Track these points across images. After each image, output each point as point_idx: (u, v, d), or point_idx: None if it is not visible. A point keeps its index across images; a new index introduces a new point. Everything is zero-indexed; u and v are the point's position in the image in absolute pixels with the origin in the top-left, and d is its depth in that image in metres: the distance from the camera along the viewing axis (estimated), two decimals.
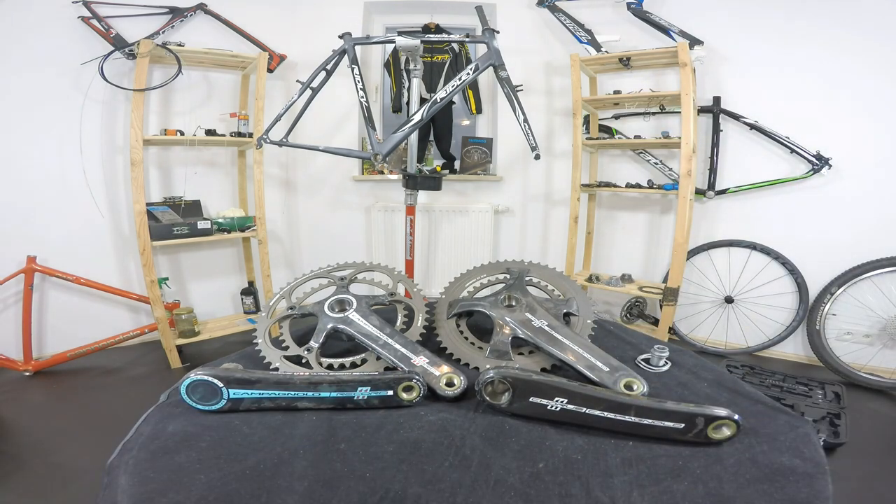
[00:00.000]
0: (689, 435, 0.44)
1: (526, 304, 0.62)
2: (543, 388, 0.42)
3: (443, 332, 0.63)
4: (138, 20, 2.31)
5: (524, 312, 0.60)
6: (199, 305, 2.58)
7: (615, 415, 0.43)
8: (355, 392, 0.45)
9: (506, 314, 0.61)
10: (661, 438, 0.45)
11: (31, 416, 1.85)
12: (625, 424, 0.44)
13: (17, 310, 2.22)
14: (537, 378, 0.43)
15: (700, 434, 0.44)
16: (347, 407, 0.46)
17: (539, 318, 0.59)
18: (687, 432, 0.44)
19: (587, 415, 0.43)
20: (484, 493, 0.36)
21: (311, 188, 2.95)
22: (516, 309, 0.62)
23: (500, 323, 0.60)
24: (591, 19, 2.55)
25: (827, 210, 2.31)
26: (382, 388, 0.45)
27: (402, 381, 0.46)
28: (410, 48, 1.88)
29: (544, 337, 0.56)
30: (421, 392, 0.46)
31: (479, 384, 0.44)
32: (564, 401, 0.42)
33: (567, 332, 0.57)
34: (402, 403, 0.47)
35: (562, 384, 0.42)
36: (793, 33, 2.27)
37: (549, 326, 0.58)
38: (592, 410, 0.43)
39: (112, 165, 2.38)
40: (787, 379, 2.15)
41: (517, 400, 0.43)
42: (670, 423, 0.44)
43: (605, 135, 2.69)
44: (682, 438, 0.45)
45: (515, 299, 0.63)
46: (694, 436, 0.44)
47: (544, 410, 0.43)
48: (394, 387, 0.45)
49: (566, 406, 0.42)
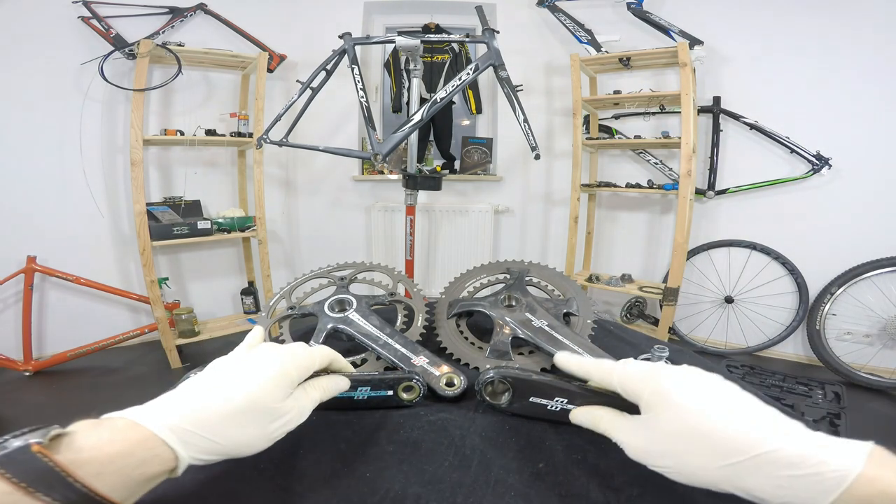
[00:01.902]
0: None
1: (526, 304, 0.61)
2: (543, 388, 0.42)
3: (443, 332, 0.63)
4: (138, 20, 2.31)
5: (524, 312, 0.60)
6: (199, 305, 2.58)
7: None
8: (355, 392, 0.45)
9: (506, 314, 0.61)
10: None
11: (31, 416, 1.85)
12: None
13: (17, 310, 2.22)
14: (537, 378, 0.43)
15: None
16: (346, 406, 0.46)
17: (539, 318, 0.59)
18: None
19: None
20: (484, 493, 0.36)
21: (311, 188, 2.95)
22: (516, 309, 0.61)
23: (500, 323, 0.60)
24: (591, 19, 2.55)
25: (827, 210, 2.31)
26: (383, 388, 0.45)
27: (402, 381, 0.46)
28: (410, 48, 1.87)
29: (544, 337, 0.56)
30: (421, 392, 0.45)
31: (479, 384, 0.44)
32: (564, 401, 0.41)
33: (567, 332, 0.57)
34: (403, 403, 0.46)
35: (561, 384, 0.42)
36: (793, 33, 2.27)
37: (549, 326, 0.58)
38: None
39: (112, 165, 2.38)
40: (787, 379, 2.15)
41: (517, 400, 0.43)
42: None
43: (605, 135, 2.69)
44: None
45: (515, 299, 0.63)
46: None
47: (544, 410, 0.42)
48: (394, 386, 0.45)
49: (566, 406, 0.41)
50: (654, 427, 0.32)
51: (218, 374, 0.35)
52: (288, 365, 0.37)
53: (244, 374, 0.35)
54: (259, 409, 0.33)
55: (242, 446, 0.33)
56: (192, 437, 0.30)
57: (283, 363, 0.37)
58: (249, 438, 0.33)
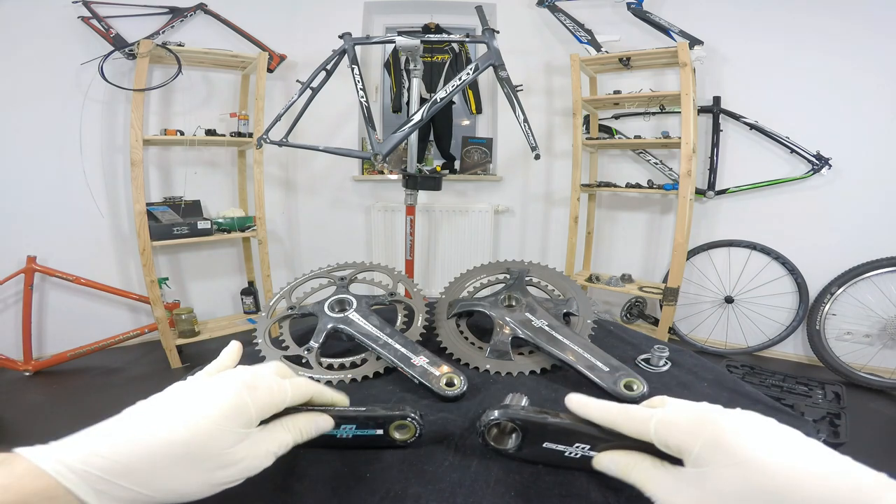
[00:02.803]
0: None
1: (526, 304, 0.61)
2: (560, 433, 0.36)
3: (443, 331, 0.63)
4: (138, 20, 2.31)
5: (524, 312, 0.60)
6: (199, 305, 2.58)
7: None
8: (338, 430, 0.39)
9: (506, 314, 0.61)
10: None
11: (31, 416, 1.85)
12: None
13: (17, 310, 2.22)
14: (554, 421, 0.36)
15: None
16: (326, 444, 0.39)
17: (539, 318, 0.59)
18: None
19: None
20: (484, 493, 0.36)
21: (311, 188, 2.95)
22: (516, 309, 0.61)
23: (500, 323, 0.60)
24: (591, 19, 2.55)
25: (827, 210, 2.31)
26: (371, 427, 0.39)
27: (394, 419, 0.39)
28: (410, 48, 1.87)
29: (544, 337, 0.56)
30: (417, 431, 0.40)
31: (481, 426, 0.38)
32: (586, 447, 0.35)
33: (567, 332, 0.57)
34: (395, 444, 0.40)
35: (584, 429, 0.35)
36: (793, 33, 2.27)
37: (549, 326, 0.57)
38: None
39: (112, 165, 2.38)
40: (787, 379, 2.15)
41: (528, 445, 0.37)
42: None
43: (605, 135, 2.69)
44: None
45: (515, 299, 0.63)
46: None
47: (560, 458, 0.36)
48: (384, 425, 0.40)
49: (588, 453, 0.35)
50: (709, 487, 0.26)
51: (156, 407, 0.29)
52: (244, 399, 0.30)
53: (186, 409, 0.29)
54: (200, 453, 0.27)
55: (177, 496, 0.27)
56: (110, 487, 0.24)
57: (238, 396, 0.30)
58: (187, 487, 0.27)
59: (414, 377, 0.51)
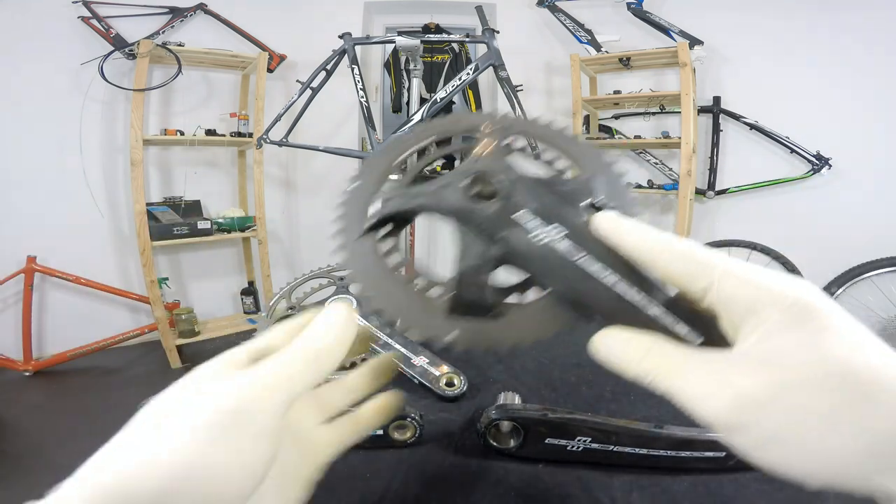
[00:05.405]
0: (732, 462, 0.37)
1: (516, 196, 0.26)
2: (564, 427, 0.35)
3: (354, 264, 0.26)
4: (138, 20, 2.31)
5: (522, 219, 0.27)
6: (199, 305, 2.58)
7: (649, 450, 0.36)
8: None
9: (490, 222, 0.26)
10: (699, 469, 0.38)
11: (31, 416, 1.85)
12: (660, 460, 0.37)
13: (17, 310, 2.21)
14: (557, 417, 0.36)
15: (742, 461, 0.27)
16: None
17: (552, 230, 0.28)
18: (728, 460, 0.37)
19: (615, 453, 0.37)
20: (484, 493, 0.36)
21: (311, 188, 2.95)
22: (499, 204, 0.26)
23: (476, 241, 0.28)
24: (591, 19, 2.55)
25: (827, 210, 2.31)
26: None
27: (394, 419, 0.40)
28: (410, 48, 1.88)
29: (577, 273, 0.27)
30: (417, 431, 0.40)
31: (482, 426, 0.38)
32: (588, 440, 0.36)
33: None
34: (394, 444, 0.41)
35: (587, 421, 0.35)
36: (792, 33, 2.27)
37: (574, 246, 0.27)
38: (622, 448, 0.36)
39: (112, 165, 2.38)
40: None
41: (530, 444, 0.37)
42: (711, 452, 0.37)
43: (605, 135, 2.69)
44: (724, 467, 0.38)
45: (496, 186, 0.27)
46: (736, 463, 0.37)
47: (563, 452, 0.36)
48: (384, 425, 0.40)
49: (590, 445, 0.36)
50: (776, 376, 0.17)
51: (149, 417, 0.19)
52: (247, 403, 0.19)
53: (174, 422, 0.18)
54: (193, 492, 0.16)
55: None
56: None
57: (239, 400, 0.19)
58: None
59: (414, 377, 0.51)
